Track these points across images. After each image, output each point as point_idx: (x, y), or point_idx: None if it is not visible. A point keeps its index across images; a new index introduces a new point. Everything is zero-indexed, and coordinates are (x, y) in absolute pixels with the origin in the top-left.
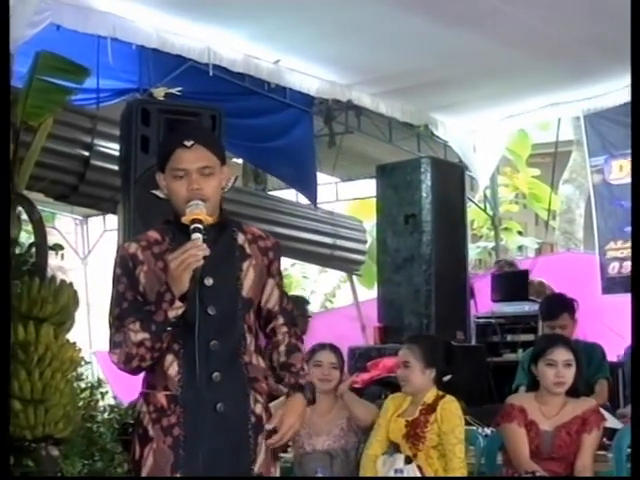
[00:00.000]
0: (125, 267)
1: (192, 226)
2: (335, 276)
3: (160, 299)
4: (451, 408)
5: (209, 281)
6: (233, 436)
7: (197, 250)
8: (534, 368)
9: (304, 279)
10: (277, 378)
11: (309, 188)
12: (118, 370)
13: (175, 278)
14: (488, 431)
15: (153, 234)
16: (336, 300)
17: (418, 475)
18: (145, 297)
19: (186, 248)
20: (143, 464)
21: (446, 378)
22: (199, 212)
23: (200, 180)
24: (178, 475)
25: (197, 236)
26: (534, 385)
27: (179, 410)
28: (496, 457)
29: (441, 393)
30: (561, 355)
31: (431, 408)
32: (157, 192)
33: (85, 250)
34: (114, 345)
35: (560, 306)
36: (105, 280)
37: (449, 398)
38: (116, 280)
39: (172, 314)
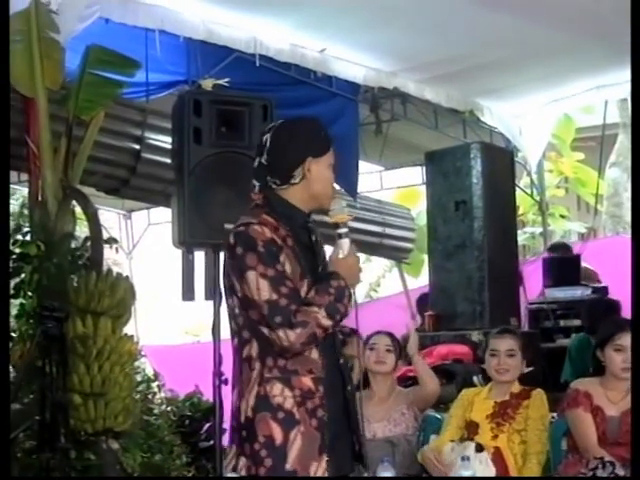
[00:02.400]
0: (270, 250)
1: (343, 230)
2: (380, 265)
3: (341, 293)
4: (542, 398)
5: None
6: (355, 416)
7: None
8: (600, 353)
9: None
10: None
11: (349, 180)
12: (167, 362)
13: (355, 280)
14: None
15: (268, 219)
16: (381, 289)
17: (487, 464)
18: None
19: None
20: (289, 448)
21: (528, 369)
22: (346, 215)
23: None
24: (325, 458)
25: (347, 241)
26: (598, 370)
27: (321, 392)
28: (561, 443)
29: (527, 387)
30: (630, 340)
31: (521, 395)
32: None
33: (130, 245)
34: (296, 324)
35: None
36: (151, 274)
37: (540, 390)
38: (262, 261)
39: (350, 308)
